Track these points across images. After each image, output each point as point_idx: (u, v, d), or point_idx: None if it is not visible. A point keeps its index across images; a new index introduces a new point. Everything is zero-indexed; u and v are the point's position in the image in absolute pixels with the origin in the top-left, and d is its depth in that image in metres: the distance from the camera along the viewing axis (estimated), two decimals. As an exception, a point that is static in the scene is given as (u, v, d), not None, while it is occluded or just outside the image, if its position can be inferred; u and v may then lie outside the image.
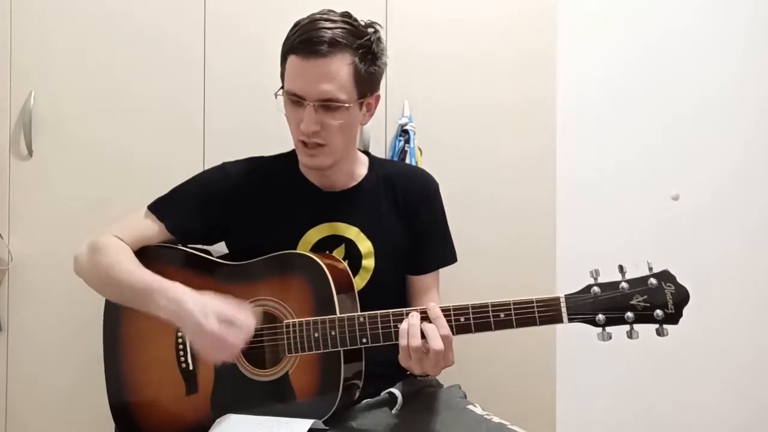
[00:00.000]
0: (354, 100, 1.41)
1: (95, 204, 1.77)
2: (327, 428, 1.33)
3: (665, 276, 1.21)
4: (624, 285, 1.22)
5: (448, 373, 1.47)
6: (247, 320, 1.31)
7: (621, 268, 1.23)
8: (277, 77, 1.46)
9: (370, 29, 1.43)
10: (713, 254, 2.27)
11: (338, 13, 1.43)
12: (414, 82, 1.84)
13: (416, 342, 1.26)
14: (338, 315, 1.34)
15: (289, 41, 1.40)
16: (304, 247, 1.48)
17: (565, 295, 1.25)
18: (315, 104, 1.38)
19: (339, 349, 1.33)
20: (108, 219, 1.54)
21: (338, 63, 1.37)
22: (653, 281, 1.21)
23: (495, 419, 1.39)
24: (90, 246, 1.45)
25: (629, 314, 1.21)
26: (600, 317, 1.22)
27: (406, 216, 1.54)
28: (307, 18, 1.41)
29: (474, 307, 1.28)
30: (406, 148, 1.79)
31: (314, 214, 1.50)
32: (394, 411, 1.45)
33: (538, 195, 1.89)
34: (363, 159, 1.58)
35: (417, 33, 1.84)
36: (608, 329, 1.23)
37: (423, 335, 1.26)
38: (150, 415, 1.47)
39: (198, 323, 1.29)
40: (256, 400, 1.38)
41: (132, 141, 1.80)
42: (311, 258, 1.38)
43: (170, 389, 1.43)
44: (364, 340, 1.32)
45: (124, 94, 1.80)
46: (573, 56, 2.17)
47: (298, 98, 1.40)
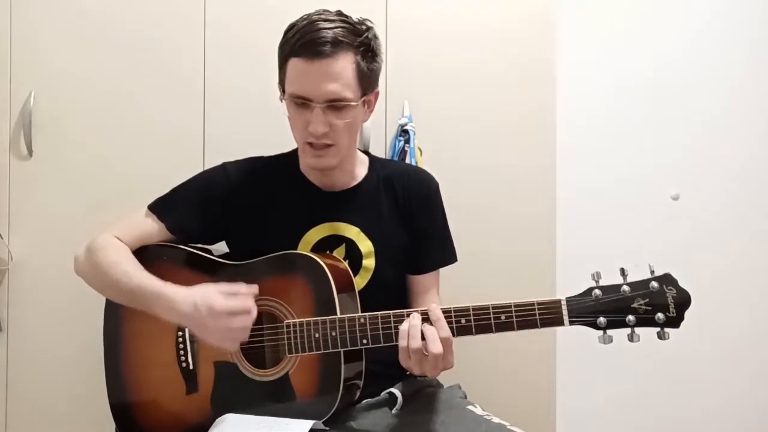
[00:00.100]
0: (358, 98, 1.41)
1: (95, 204, 1.77)
2: (327, 428, 1.33)
3: (667, 279, 1.21)
4: (625, 288, 1.22)
5: (449, 373, 1.47)
6: (246, 302, 1.32)
7: (622, 271, 1.23)
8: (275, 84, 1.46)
9: (363, 26, 1.42)
10: (715, 259, 2.27)
11: (332, 12, 1.42)
12: (414, 85, 1.83)
13: (416, 344, 1.26)
14: (339, 315, 1.34)
15: (289, 44, 1.39)
16: (305, 247, 1.48)
17: (566, 298, 1.24)
18: (323, 105, 1.38)
19: (339, 350, 1.33)
20: (108, 219, 1.53)
21: (342, 62, 1.37)
22: (655, 284, 1.21)
23: (495, 420, 1.39)
24: (90, 246, 1.46)
25: (630, 317, 1.21)
26: (601, 320, 1.22)
27: (407, 216, 1.54)
28: (304, 19, 1.40)
29: (475, 309, 1.28)
30: (406, 148, 1.79)
31: (315, 214, 1.50)
32: (394, 411, 1.44)
33: (538, 196, 1.88)
34: (363, 159, 1.58)
35: (416, 41, 1.84)
36: (609, 332, 1.23)
37: (423, 337, 1.26)
38: (150, 415, 1.47)
39: (202, 322, 1.31)
40: (256, 400, 1.38)
41: (132, 141, 1.80)
42: (312, 258, 1.38)
43: (170, 389, 1.43)
44: (365, 341, 1.32)
45: (124, 94, 1.80)
46: (573, 62, 2.18)
47: (305, 100, 1.39)
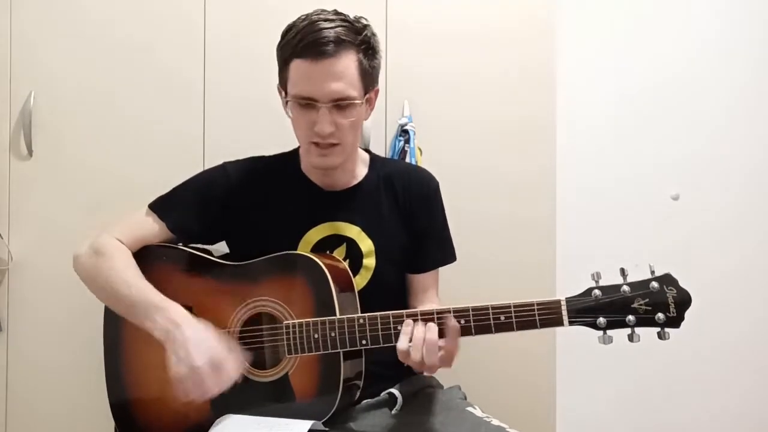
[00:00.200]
0: (362, 96, 1.41)
1: (95, 204, 1.77)
2: (327, 429, 1.33)
3: (667, 279, 1.21)
4: (625, 288, 1.21)
5: (449, 375, 1.47)
6: (234, 370, 1.29)
7: (622, 271, 1.22)
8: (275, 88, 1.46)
9: (361, 24, 1.41)
10: (716, 259, 2.26)
11: (330, 12, 1.41)
12: (414, 85, 1.83)
13: (417, 356, 1.26)
14: (338, 316, 1.33)
15: (290, 45, 1.38)
16: (305, 247, 1.48)
17: (566, 298, 1.24)
18: (328, 105, 1.38)
19: (339, 350, 1.33)
20: (108, 219, 1.53)
21: (346, 61, 1.37)
22: (655, 284, 1.20)
23: (494, 422, 1.39)
24: (91, 247, 1.45)
25: (630, 317, 1.20)
26: (601, 320, 1.22)
27: (407, 215, 1.54)
28: (303, 20, 1.40)
29: (474, 310, 1.27)
30: (406, 148, 1.79)
31: (315, 214, 1.50)
32: (394, 411, 1.44)
33: (538, 197, 1.88)
34: (364, 157, 1.58)
35: (416, 42, 1.83)
36: (609, 332, 1.22)
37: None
38: (150, 415, 1.47)
39: (188, 353, 1.27)
40: (256, 401, 1.37)
41: (132, 141, 1.80)
42: (311, 258, 1.38)
43: (171, 389, 1.41)
44: (364, 342, 1.32)
45: (124, 95, 1.80)
46: (572, 63, 2.18)
47: (310, 101, 1.39)
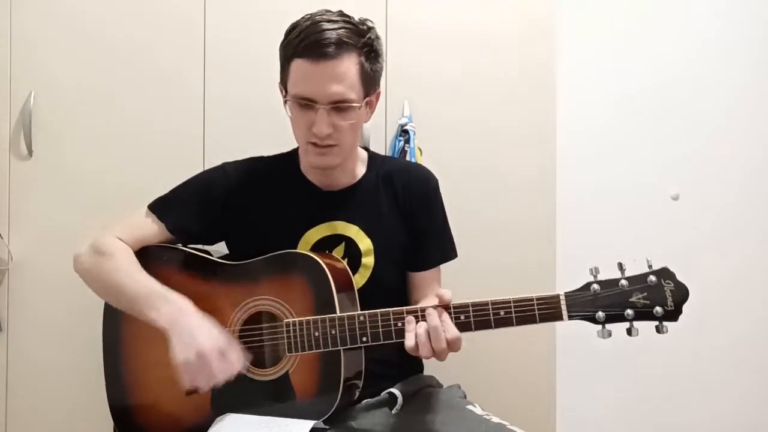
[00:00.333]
0: (362, 99, 1.41)
1: (95, 204, 1.78)
2: (327, 428, 1.33)
3: (665, 273, 1.21)
4: (624, 282, 1.22)
5: (448, 373, 1.47)
6: (238, 360, 1.31)
7: (620, 266, 1.23)
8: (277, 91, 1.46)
9: (365, 26, 1.42)
10: (716, 259, 2.27)
11: (335, 13, 1.41)
12: (414, 85, 1.84)
13: (426, 352, 1.26)
14: (338, 314, 1.34)
15: (292, 45, 1.38)
16: (304, 247, 1.48)
17: (565, 293, 1.24)
18: (327, 106, 1.38)
19: (339, 349, 1.33)
20: (108, 219, 1.53)
21: (347, 63, 1.37)
22: (653, 278, 1.21)
23: (494, 419, 1.39)
24: (92, 247, 1.45)
25: (629, 311, 1.21)
26: (600, 314, 1.22)
27: (406, 213, 1.54)
28: (307, 19, 1.40)
29: (474, 305, 1.27)
30: (406, 148, 1.79)
31: (314, 214, 1.50)
32: (394, 411, 1.44)
33: (538, 198, 1.88)
34: (363, 156, 1.58)
35: (416, 42, 1.84)
36: (608, 327, 1.23)
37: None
38: (150, 415, 1.46)
39: (195, 338, 1.28)
40: (256, 400, 1.37)
41: (132, 141, 1.80)
42: (311, 257, 1.38)
43: (170, 389, 1.41)
44: (365, 339, 1.32)
45: (124, 95, 1.80)
46: (573, 64, 2.19)
47: (309, 101, 1.39)
